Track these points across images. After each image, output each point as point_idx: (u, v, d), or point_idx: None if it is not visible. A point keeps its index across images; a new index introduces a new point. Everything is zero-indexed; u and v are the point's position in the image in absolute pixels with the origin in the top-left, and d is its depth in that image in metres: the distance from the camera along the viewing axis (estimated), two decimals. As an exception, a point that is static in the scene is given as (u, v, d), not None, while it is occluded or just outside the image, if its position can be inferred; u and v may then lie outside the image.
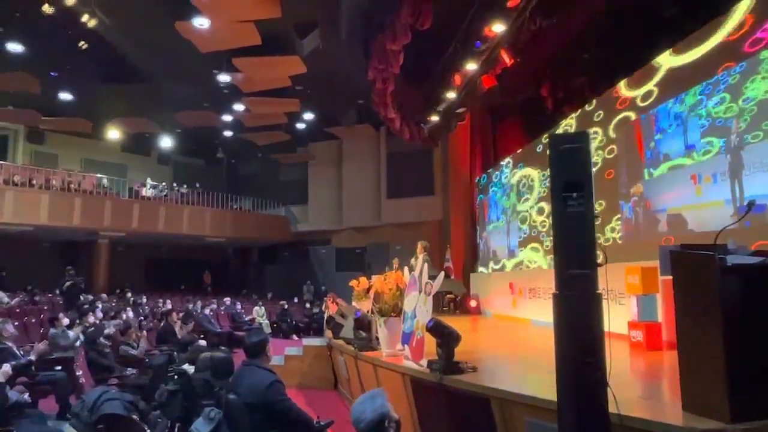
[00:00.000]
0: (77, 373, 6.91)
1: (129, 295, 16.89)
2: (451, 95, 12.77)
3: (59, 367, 6.79)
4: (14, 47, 12.45)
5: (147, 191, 20.02)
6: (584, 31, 10.67)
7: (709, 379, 2.87)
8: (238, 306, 16.15)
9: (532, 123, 13.25)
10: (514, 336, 8.99)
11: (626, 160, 9.15)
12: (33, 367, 6.31)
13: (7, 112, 16.72)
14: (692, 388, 3.02)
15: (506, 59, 10.42)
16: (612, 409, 2.82)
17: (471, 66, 11.15)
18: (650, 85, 8.35)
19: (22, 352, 6.74)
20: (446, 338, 4.56)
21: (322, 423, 3.71)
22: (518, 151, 12.95)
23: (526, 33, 9.66)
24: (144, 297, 16.39)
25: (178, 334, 9.11)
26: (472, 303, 13.38)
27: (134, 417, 3.68)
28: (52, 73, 14.14)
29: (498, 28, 9.79)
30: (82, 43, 12.31)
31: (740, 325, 2.79)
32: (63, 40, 12.21)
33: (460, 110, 13.79)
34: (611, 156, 9.36)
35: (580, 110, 10.31)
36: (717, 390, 2.79)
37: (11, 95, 15.19)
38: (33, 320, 11.03)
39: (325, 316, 9.91)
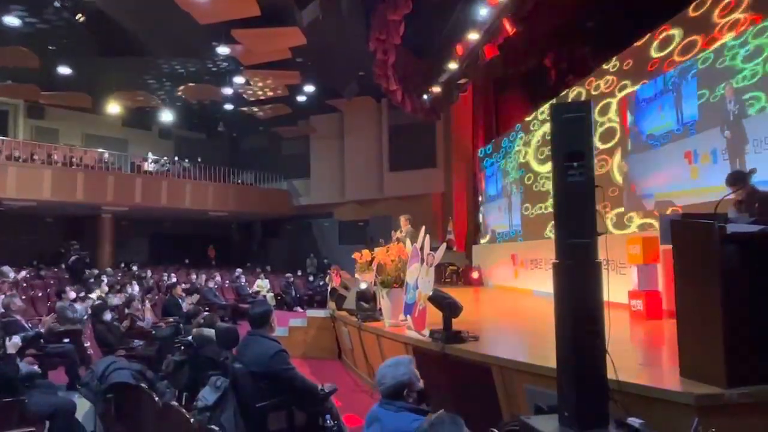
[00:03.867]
0: (85, 345, 7.02)
1: (135, 268, 17.03)
2: (453, 66, 12.63)
3: (67, 340, 6.90)
4: (11, 21, 12.29)
5: (149, 166, 19.99)
6: (588, -1, 10.50)
7: (706, 345, 2.91)
8: (242, 279, 16.28)
9: (535, 94, 13.13)
10: (515, 306, 9.08)
11: (611, 135, 8.82)
12: (42, 340, 6.41)
13: (7, 87, 16.60)
14: (690, 355, 3.07)
15: (509, 29, 10.27)
16: (611, 375, 2.87)
17: (473, 36, 11.00)
18: (650, 54, 8.16)
19: (30, 325, 6.85)
20: (445, 308, 4.63)
21: (326, 390, 3.78)
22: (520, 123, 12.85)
23: (529, 2, 9.52)
24: (149, 271, 16.53)
25: (182, 307, 9.21)
26: (474, 274, 13.47)
27: (142, 386, 3.75)
28: (50, 47, 13.98)
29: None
30: (79, 15, 12.15)
31: (739, 293, 2.82)
32: (60, 14, 12.06)
33: (462, 81, 13.66)
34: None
35: (583, 80, 10.20)
36: (714, 356, 2.84)
37: (10, 70, 15.05)
38: (39, 294, 11.17)
39: (329, 288, 10.01)
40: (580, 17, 11.07)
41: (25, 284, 12.40)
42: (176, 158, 21.41)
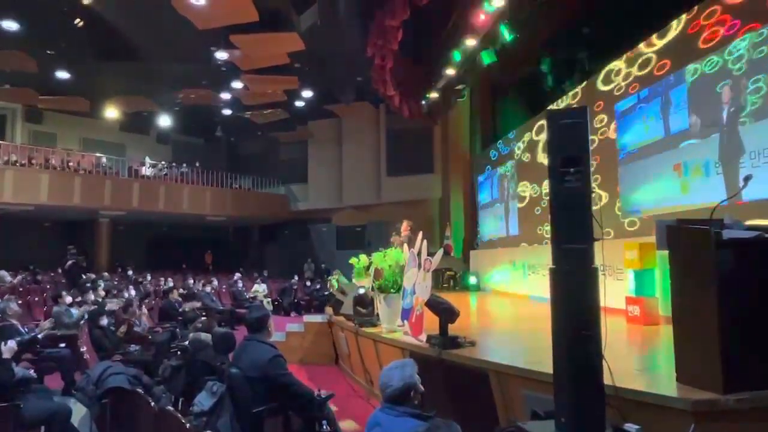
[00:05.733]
0: (81, 350, 6.99)
1: (130, 273, 16.98)
2: (451, 72, 12.67)
3: (63, 344, 6.87)
4: (9, 25, 12.29)
5: (146, 170, 19.97)
6: (585, 5, 10.52)
7: (703, 351, 2.91)
8: (240, 284, 16.24)
9: (532, 100, 13.15)
10: (512, 311, 9.07)
11: (598, 147, 8.65)
12: (38, 344, 6.38)
13: (5, 91, 16.60)
14: (686, 360, 3.06)
15: (506, 35, 10.30)
16: (607, 380, 2.87)
17: (470, 42, 11.04)
18: (643, 60, 8.09)
19: (26, 329, 6.81)
20: (442, 313, 4.62)
21: (322, 396, 3.76)
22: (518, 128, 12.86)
23: (526, 8, 9.56)
24: (148, 275, 16.49)
25: (180, 311, 9.18)
26: (472, 279, 13.47)
27: (138, 391, 3.74)
28: (48, 52, 13.99)
29: (498, 2, 9.66)
30: (78, 20, 12.17)
31: (735, 298, 2.82)
32: (59, 18, 12.08)
33: (459, 87, 13.70)
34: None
35: (580, 86, 10.21)
36: (711, 362, 2.83)
37: (8, 74, 15.07)
38: (36, 299, 11.13)
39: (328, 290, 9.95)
40: (577, 23, 11.10)
41: (21, 288, 12.36)
42: (174, 163, 21.39)
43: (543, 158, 11.32)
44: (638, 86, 7.86)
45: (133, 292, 11.52)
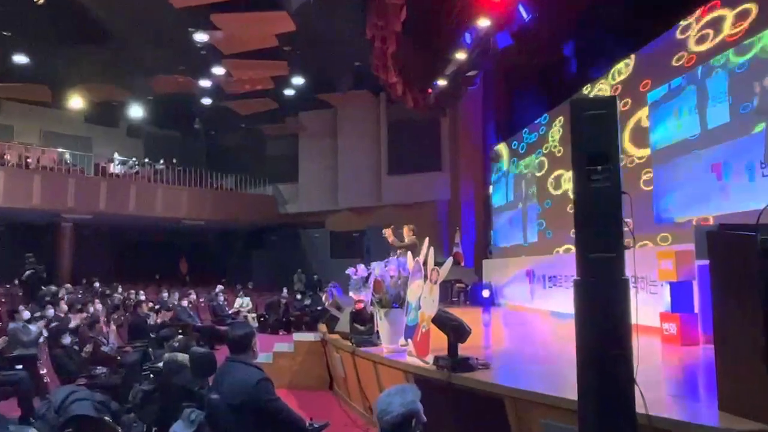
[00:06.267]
0: (41, 372, 6.99)
1: (97, 285, 17.00)
2: (461, 56, 12.69)
3: (20, 366, 6.87)
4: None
5: (115, 167, 19.99)
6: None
7: (748, 375, 2.90)
8: (221, 297, 16.25)
9: (553, 88, 13.18)
10: (531, 329, 9.08)
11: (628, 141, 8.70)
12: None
13: (-45, 78, 16.67)
14: (730, 386, 3.06)
15: (524, 14, 10.33)
16: (639, 409, 2.86)
17: (483, 22, 11.05)
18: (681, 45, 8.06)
19: (-22, 349, 6.83)
20: (450, 331, 4.61)
21: (315, 425, 3.75)
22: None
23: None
24: (119, 287, 16.52)
25: (151, 328, 9.19)
26: (485, 292, 13.47)
27: (106, 418, 3.74)
28: (4, 33, 14.03)
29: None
30: (39, -3, 12.21)
31: (784, 315, 2.82)
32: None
33: (471, 73, 13.71)
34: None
35: (607, 73, 10.21)
36: (758, 387, 2.83)
37: (-41, 58, 15.15)
38: (-11, 314, 11.13)
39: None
40: (605, 2, 11.10)
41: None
42: (146, 159, 21.42)
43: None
44: (695, 59, 7.67)
45: (99, 307, 11.52)
